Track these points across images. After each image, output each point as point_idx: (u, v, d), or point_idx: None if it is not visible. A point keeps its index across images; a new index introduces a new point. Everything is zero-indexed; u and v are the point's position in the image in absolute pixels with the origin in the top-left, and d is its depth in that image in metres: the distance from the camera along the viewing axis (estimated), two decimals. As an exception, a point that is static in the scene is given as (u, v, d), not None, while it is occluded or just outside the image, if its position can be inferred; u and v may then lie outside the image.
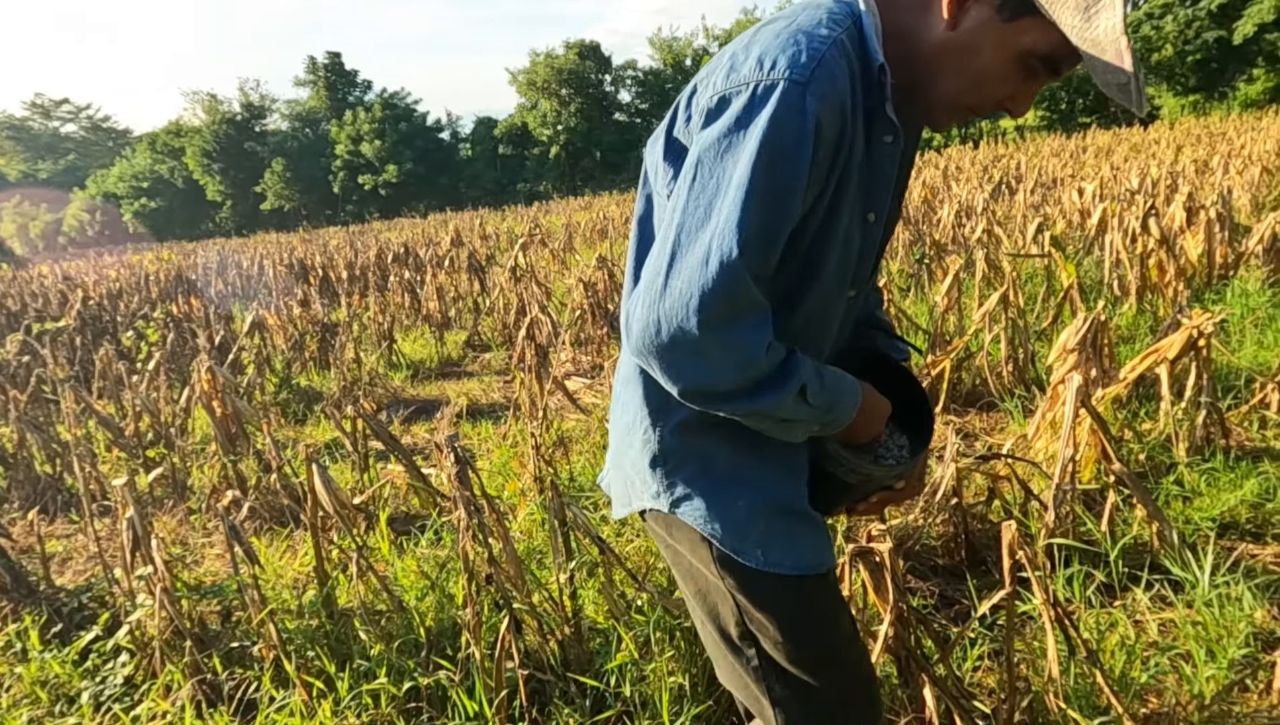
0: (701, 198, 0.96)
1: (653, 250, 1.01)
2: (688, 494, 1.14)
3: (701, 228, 0.95)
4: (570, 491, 3.30)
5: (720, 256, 0.93)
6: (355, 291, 9.50)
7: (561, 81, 50.27)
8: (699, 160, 0.98)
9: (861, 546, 1.78)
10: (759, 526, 1.12)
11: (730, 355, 0.97)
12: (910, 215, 8.66)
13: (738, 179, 0.94)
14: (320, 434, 5.07)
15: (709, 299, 0.93)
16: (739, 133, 0.95)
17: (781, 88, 0.93)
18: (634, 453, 1.18)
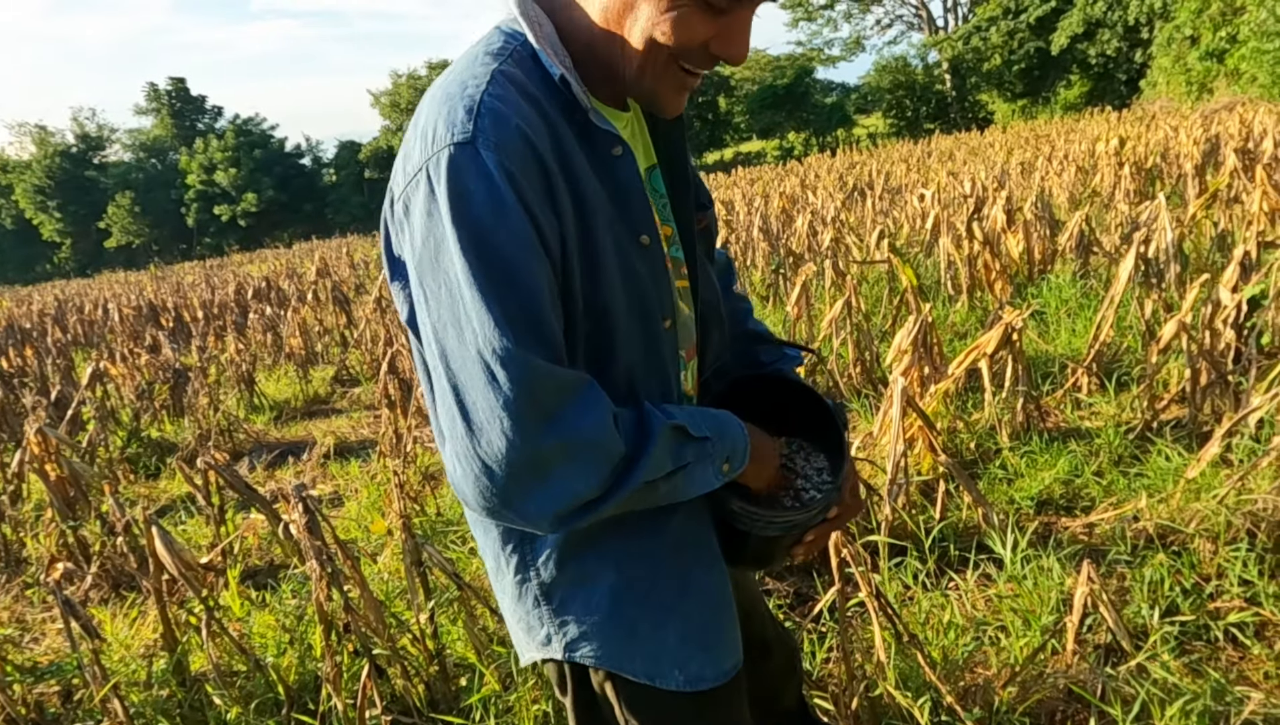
0: (443, 315, 0.83)
1: (437, 403, 0.88)
2: (583, 632, 0.99)
3: (461, 345, 0.82)
4: (437, 525, 3.28)
5: (498, 360, 0.80)
6: (211, 332, 9.03)
7: (426, 102, 49.36)
8: (419, 280, 0.85)
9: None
10: (670, 644, 1.00)
11: (579, 453, 0.84)
12: (770, 226, 9.03)
13: (461, 277, 0.81)
14: (175, 488, 4.80)
15: (518, 409, 0.80)
16: (433, 229, 0.82)
17: (446, 156, 0.81)
18: (508, 600, 1.04)
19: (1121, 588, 2.39)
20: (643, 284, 0.96)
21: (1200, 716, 1.75)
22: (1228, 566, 2.34)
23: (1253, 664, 2.06)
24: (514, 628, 1.07)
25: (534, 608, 1.01)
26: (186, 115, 55.34)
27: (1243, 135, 9.70)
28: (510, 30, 0.92)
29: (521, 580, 1.00)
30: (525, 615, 1.02)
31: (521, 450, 0.81)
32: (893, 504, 2.65)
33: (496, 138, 0.81)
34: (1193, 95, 23.80)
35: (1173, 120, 16.67)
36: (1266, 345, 3.59)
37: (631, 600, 0.99)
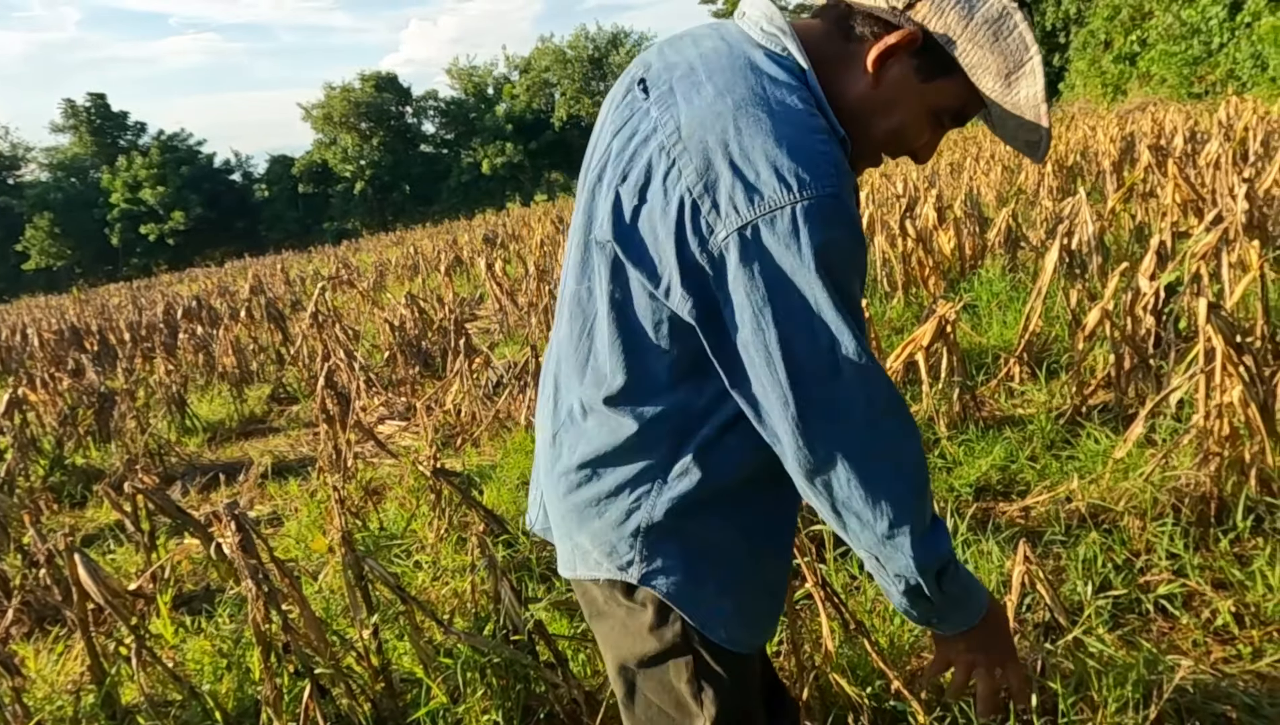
0: (795, 323, 0.95)
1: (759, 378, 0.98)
2: (666, 566, 1.11)
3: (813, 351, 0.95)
4: (381, 540, 3.21)
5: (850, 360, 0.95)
6: (139, 354, 8.70)
7: (360, 115, 48.62)
8: (770, 289, 0.94)
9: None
10: (727, 608, 1.12)
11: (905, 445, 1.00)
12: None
13: (823, 299, 0.93)
14: (103, 516, 4.60)
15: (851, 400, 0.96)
16: (797, 257, 0.93)
17: (824, 205, 0.92)
18: (601, 524, 1.13)
19: (1058, 567, 2.46)
20: None
21: (1134, 686, 1.81)
22: (1155, 541, 2.43)
23: (1182, 633, 2.14)
24: (585, 547, 1.16)
25: (631, 536, 1.11)
26: (107, 132, 53.40)
27: (1155, 133, 10.15)
28: (789, 64, 1.01)
29: (633, 509, 1.11)
30: (617, 541, 1.12)
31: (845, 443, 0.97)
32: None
33: (850, 191, 0.95)
34: (1108, 96, 24.83)
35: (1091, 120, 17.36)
36: (1183, 329, 3.75)
37: (713, 560, 1.12)
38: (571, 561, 1.20)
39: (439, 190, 48.20)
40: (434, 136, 51.75)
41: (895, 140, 1.07)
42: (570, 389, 1.16)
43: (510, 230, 19.75)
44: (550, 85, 45.94)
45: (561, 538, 1.22)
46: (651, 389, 1.08)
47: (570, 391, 1.16)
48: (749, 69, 0.99)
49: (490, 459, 4.23)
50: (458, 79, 50.47)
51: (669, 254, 0.98)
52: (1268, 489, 2.54)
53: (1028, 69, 0.99)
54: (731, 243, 0.94)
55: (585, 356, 1.12)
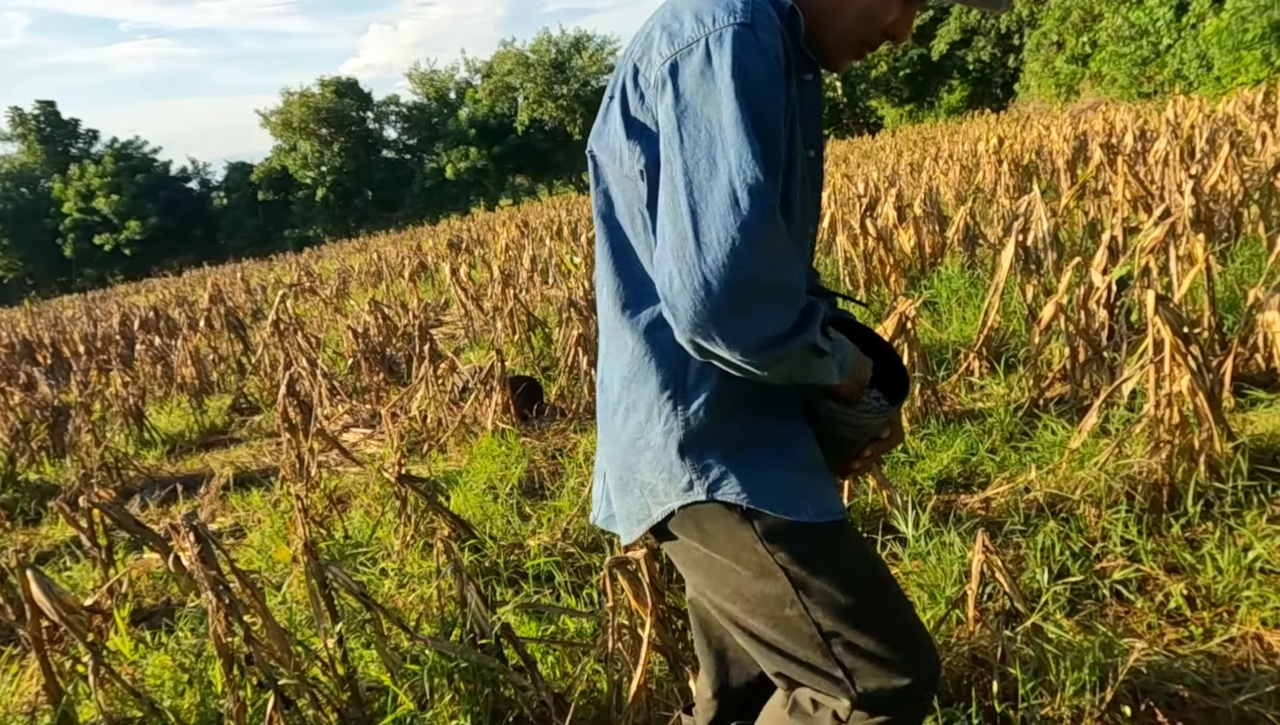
0: (698, 151, 0.98)
1: (664, 230, 1.00)
2: (724, 472, 1.12)
3: (712, 176, 0.96)
4: (346, 548, 3.17)
5: (747, 189, 0.95)
6: (94, 366, 8.50)
7: (320, 121, 47.98)
8: (679, 122, 1.00)
9: (618, 557, 1.87)
10: (795, 483, 1.13)
11: (783, 292, 0.98)
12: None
13: (729, 120, 0.96)
14: (59, 532, 4.49)
15: (753, 233, 0.94)
16: (709, 82, 0.98)
17: (733, 31, 0.98)
18: (652, 453, 1.15)
19: (1017, 556, 2.50)
20: (808, 189, 1.15)
21: (1091, 669, 1.85)
22: (1110, 528, 2.49)
23: (1136, 616, 2.19)
24: (652, 483, 1.16)
25: (677, 456, 1.13)
26: (58, 140, 52.08)
27: (1106, 132, 10.39)
28: None
29: (668, 430, 1.12)
30: (669, 465, 1.14)
31: (744, 271, 0.94)
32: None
33: (769, 28, 1.01)
34: (1061, 96, 25.37)
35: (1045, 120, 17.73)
36: (1135, 322, 3.84)
37: (758, 445, 1.13)
38: (643, 510, 1.19)
39: (402, 196, 47.73)
40: (396, 142, 51.24)
41: (867, 20, 1.12)
42: (601, 321, 1.22)
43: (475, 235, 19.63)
44: (513, 89, 45.68)
45: (629, 488, 1.20)
46: (644, 293, 1.13)
47: (601, 323, 1.23)
48: None
49: (457, 465, 4.20)
50: (419, 84, 50.03)
51: (618, 120, 1.10)
52: (1216, 474, 2.61)
53: None
54: (658, 82, 1.04)
55: (603, 278, 1.18)
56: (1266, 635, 2.01)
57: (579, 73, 44.23)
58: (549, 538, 2.85)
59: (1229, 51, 16.86)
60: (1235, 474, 2.58)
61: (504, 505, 3.40)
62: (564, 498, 3.33)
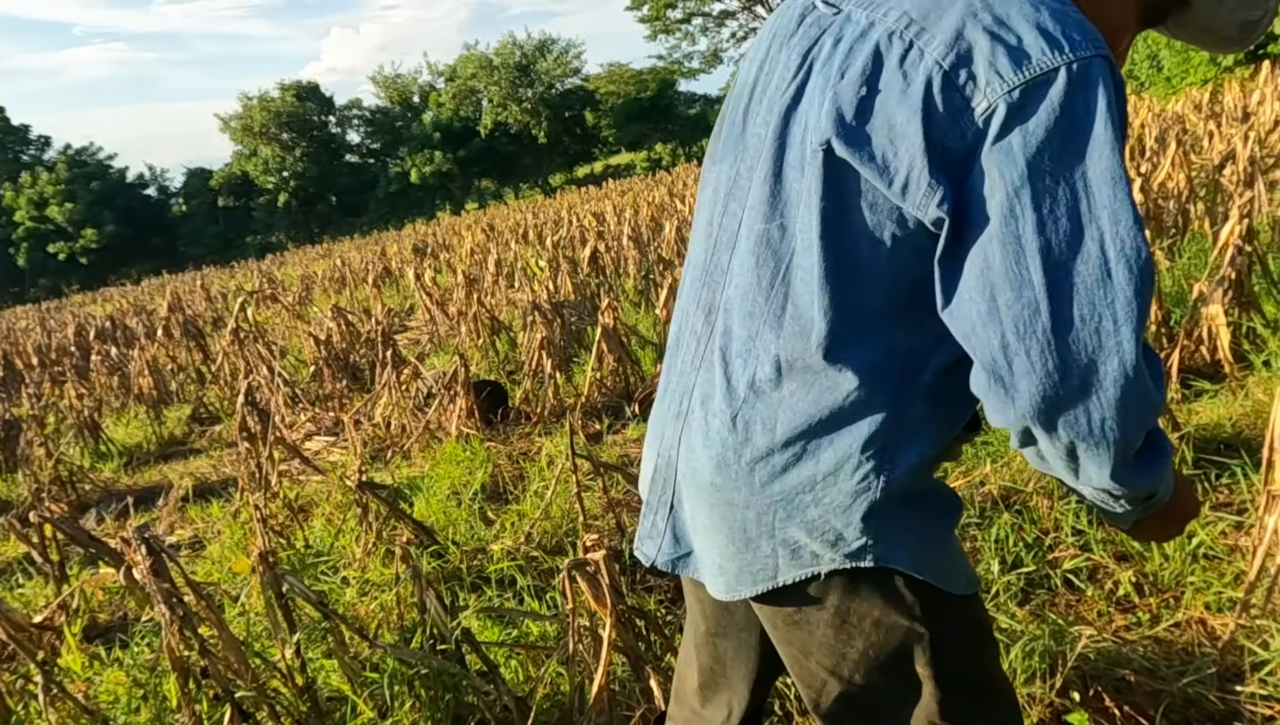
0: (1057, 210, 0.82)
1: (993, 293, 0.84)
2: (904, 540, 0.99)
3: (1078, 243, 0.81)
4: (307, 558, 3.13)
5: (1126, 260, 0.80)
6: (48, 378, 8.30)
7: (282, 125, 47.36)
8: (1030, 171, 0.82)
9: (577, 559, 1.87)
10: (953, 548, 1.05)
11: (1149, 386, 0.83)
12: (640, 235, 9.17)
13: (1103, 175, 0.81)
14: (10, 549, 4.38)
15: (1125, 316, 0.80)
16: (1074, 128, 0.82)
17: (1100, 66, 0.83)
18: (819, 512, 0.99)
19: (973, 548, 2.55)
20: None
21: (1041, 656, 1.89)
22: (1062, 519, 2.55)
23: (1087, 604, 2.24)
24: (798, 541, 1.01)
25: (861, 518, 0.98)
26: (8, 147, 50.83)
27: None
28: None
29: (862, 489, 0.97)
30: (844, 527, 0.99)
31: (1109, 364, 0.81)
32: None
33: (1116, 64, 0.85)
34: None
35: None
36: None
37: (938, 514, 1.04)
38: (767, 569, 1.03)
39: (367, 201, 47.28)
40: (360, 146, 50.75)
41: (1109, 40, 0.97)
42: (760, 352, 1.00)
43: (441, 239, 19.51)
44: (477, 92, 45.48)
45: (750, 545, 1.03)
46: (863, 327, 0.95)
47: (759, 355, 1.00)
48: None
49: (421, 471, 4.17)
50: (383, 87, 49.61)
51: (913, 138, 0.87)
52: (1163, 464, 2.68)
53: None
54: (993, 114, 0.83)
55: (781, 305, 0.98)
56: (1210, 619, 2.07)
57: (544, 76, 44.17)
58: (512, 542, 2.85)
59: (1177, 53, 17.32)
60: (1180, 463, 2.65)
61: (467, 510, 3.39)
62: (527, 502, 3.32)
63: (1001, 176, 0.83)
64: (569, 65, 44.97)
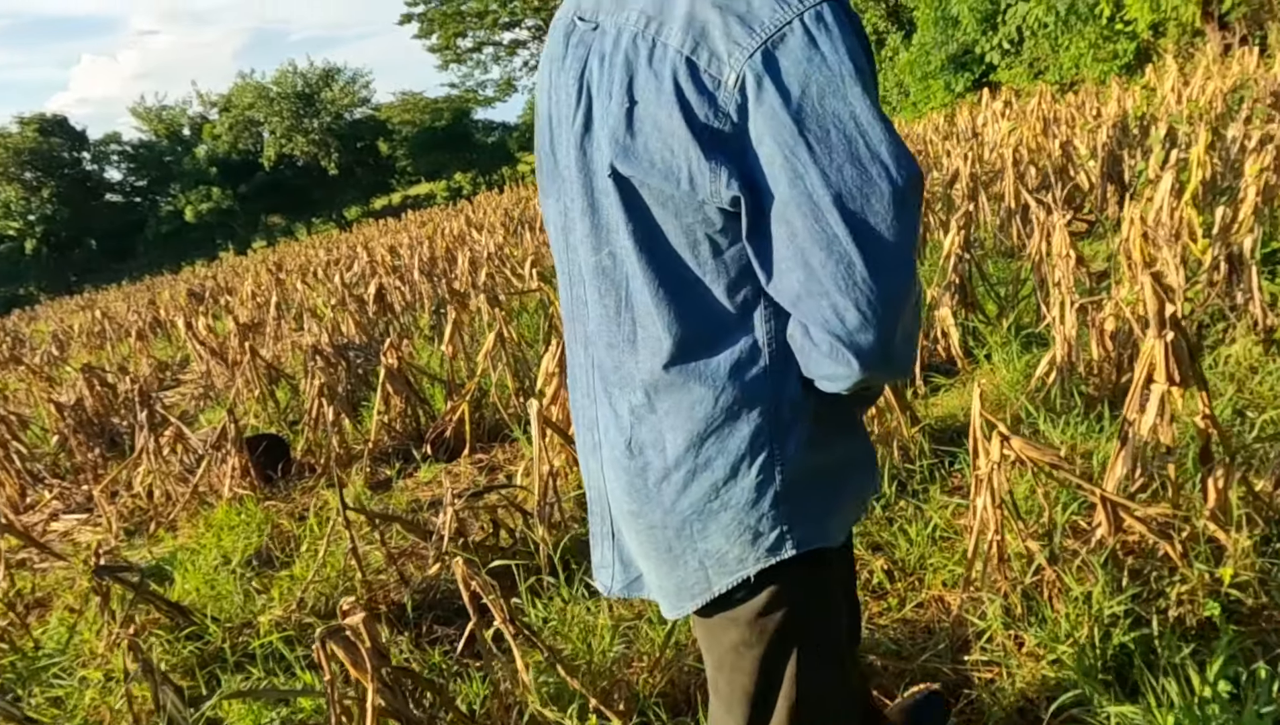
0: (837, 156, 0.82)
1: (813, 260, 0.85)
2: (810, 520, 1.02)
3: (865, 182, 0.82)
4: (39, 660, 2.74)
5: (911, 182, 0.84)
6: None
7: (23, 164, 41.98)
8: (799, 127, 0.82)
9: (331, 626, 1.75)
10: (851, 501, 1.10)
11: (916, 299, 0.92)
12: (436, 267, 8.95)
13: (863, 111, 0.82)
14: None
15: (914, 235, 0.85)
16: (824, 73, 0.82)
17: (829, 9, 0.83)
18: (730, 514, 1.00)
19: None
20: None
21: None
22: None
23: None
24: (721, 549, 1.02)
25: (770, 508, 0.99)
26: None
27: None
28: None
29: (764, 481, 0.98)
30: (755, 523, 1.00)
31: (915, 281, 0.86)
32: (548, 524, 2.72)
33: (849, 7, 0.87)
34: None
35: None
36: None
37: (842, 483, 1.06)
38: (699, 583, 1.05)
39: (135, 243, 42.92)
40: (122, 184, 46.03)
41: None
42: (627, 379, 1.02)
43: (223, 282, 18.05)
44: (257, 124, 42.71)
45: (678, 562, 1.05)
46: (718, 329, 0.96)
47: (628, 382, 1.02)
48: None
49: (190, 542, 3.79)
50: (145, 120, 45.32)
51: (679, 132, 0.87)
52: (906, 456, 2.95)
53: None
54: (744, 83, 0.84)
55: (631, 330, 0.99)
56: (946, 595, 2.28)
57: (330, 106, 42.25)
58: (283, 611, 2.64)
59: (919, 80, 19.44)
60: (920, 455, 2.93)
61: (239, 580, 3.11)
62: (302, 563, 3.10)
63: (774, 140, 0.84)
64: (357, 95, 43.37)
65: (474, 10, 42.85)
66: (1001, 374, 3.48)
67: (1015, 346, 3.60)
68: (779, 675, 1.11)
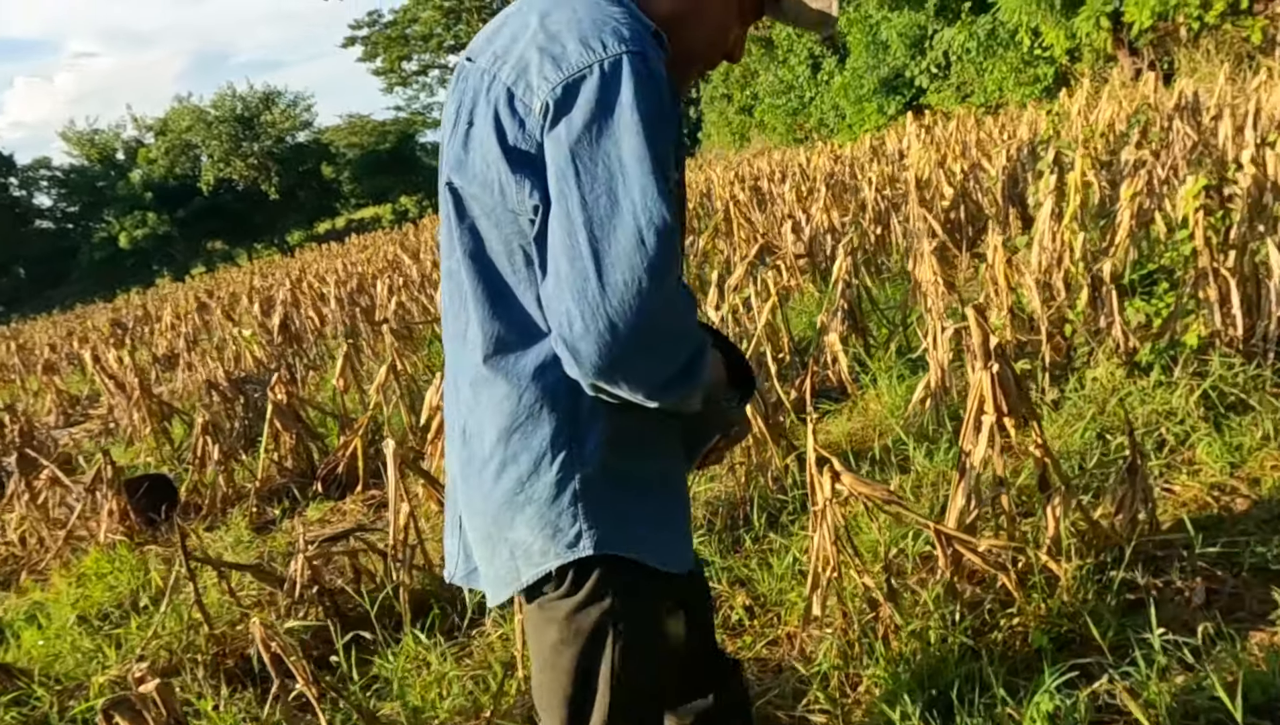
0: (597, 187, 0.95)
1: (559, 268, 0.96)
2: (613, 524, 1.09)
3: (614, 214, 0.94)
4: None
5: (654, 227, 0.93)
6: None
7: (-54, 190, 40.48)
8: (573, 155, 0.96)
9: (115, 698, 1.65)
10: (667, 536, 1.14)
11: (684, 328, 1.00)
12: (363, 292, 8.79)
13: (630, 154, 0.94)
14: None
15: (656, 276, 0.93)
16: (606, 114, 0.96)
17: (629, 61, 0.96)
18: (534, 508, 1.08)
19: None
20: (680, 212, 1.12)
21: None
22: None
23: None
24: (526, 541, 1.09)
25: (570, 505, 1.07)
26: None
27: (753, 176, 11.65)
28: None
29: (564, 478, 1.07)
30: (556, 518, 1.07)
31: (649, 314, 0.93)
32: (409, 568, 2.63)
33: (658, 58, 0.99)
34: (736, 144, 28.31)
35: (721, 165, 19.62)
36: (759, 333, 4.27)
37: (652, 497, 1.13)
38: (510, 572, 1.12)
39: (67, 270, 41.51)
40: (53, 210, 44.57)
41: (712, 42, 1.17)
42: (463, 372, 1.14)
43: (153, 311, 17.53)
44: (194, 147, 41.75)
45: (494, 551, 1.13)
46: (529, 332, 1.07)
47: (463, 375, 1.13)
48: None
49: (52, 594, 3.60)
50: (76, 144, 43.98)
51: (495, 149, 1.02)
52: (780, 487, 2.93)
53: None
54: (546, 111, 0.99)
55: (464, 327, 1.11)
56: (798, 633, 2.25)
57: (270, 129, 41.54)
58: (119, 671, 2.50)
59: (853, 103, 19.85)
60: (794, 485, 2.91)
61: (96, 635, 2.95)
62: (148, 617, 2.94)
63: (554, 162, 0.98)
64: (298, 118, 42.74)
65: (418, 34, 42.67)
66: (885, 399, 3.49)
67: (898, 371, 3.63)
68: (595, 680, 1.16)
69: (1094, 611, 1.96)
